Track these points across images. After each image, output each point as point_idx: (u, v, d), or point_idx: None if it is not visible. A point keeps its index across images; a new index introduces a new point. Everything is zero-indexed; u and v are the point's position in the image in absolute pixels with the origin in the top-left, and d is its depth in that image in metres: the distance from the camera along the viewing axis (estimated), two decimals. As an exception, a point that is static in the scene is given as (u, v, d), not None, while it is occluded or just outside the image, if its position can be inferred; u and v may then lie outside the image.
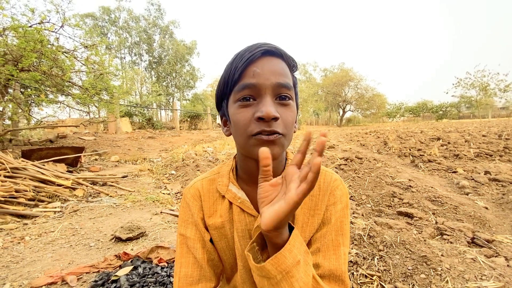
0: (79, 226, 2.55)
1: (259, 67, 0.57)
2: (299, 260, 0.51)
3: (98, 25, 26.82)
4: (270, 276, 0.50)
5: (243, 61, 0.57)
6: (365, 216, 2.50)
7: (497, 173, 3.89)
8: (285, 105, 0.59)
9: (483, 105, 34.04)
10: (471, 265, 1.45)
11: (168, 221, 2.65)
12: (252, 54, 0.57)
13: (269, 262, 0.50)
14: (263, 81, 0.57)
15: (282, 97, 0.59)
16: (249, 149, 0.59)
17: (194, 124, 22.88)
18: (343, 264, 0.62)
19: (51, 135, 8.85)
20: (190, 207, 0.72)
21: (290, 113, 0.59)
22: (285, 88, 0.58)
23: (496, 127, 10.82)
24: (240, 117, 0.58)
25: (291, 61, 0.63)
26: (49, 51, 6.19)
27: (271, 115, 0.54)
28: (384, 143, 7.55)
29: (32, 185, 3.27)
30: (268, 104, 0.55)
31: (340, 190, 0.68)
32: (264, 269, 0.50)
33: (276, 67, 0.58)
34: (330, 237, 0.64)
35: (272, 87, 0.57)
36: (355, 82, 36.60)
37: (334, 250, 0.62)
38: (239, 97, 0.59)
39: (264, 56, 0.58)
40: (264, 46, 0.58)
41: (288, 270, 0.49)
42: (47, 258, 1.95)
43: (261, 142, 0.56)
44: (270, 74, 0.57)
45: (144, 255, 1.82)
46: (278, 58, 0.60)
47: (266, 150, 0.50)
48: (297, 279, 0.50)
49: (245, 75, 0.58)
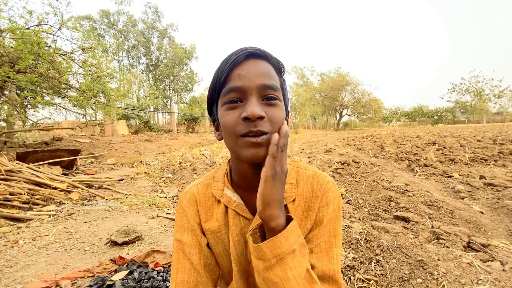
0: (74, 229, 2.52)
1: (244, 70, 0.58)
2: (294, 250, 0.53)
3: (96, 27, 26.79)
4: (265, 258, 0.53)
5: (228, 65, 0.59)
6: (362, 220, 2.51)
7: (492, 177, 3.93)
8: (271, 105, 0.59)
9: (478, 110, 34.47)
10: (467, 270, 1.46)
11: (164, 225, 2.63)
12: (236, 57, 0.58)
13: (265, 244, 0.52)
14: (248, 83, 0.58)
15: (269, 98, 0.59)
16: (238, 151, 0.60)
17: (192, 127, 22.83)
18: (335, 264, 0.62)
19: (47, 137, 8.77)
20: (186, 213, 0.72)
21: (277, 112, 0.59)
22: (270, 89, 0.59)
23: (490, 132, 10.95)
24: (228, 119, 0.59)
25: (277, 63, 0.64)
26: (47, 53, 6.17)
27: (256, 114, 0.55)
28: (381, 148, 7.60)
29: (26, 188, 3.23)
30: (253, 104, 0.56)
31: (332, 192, 0.68)
32: (260, 250, 0.53)
33: (261, 69, 0.59)
34: (323, 238, 0.64)
35: (257, 89, 0.58)
36: (351, 87, 36.90)
37: (327, 251, 0.63)
38: (226, 100, 0.60)
39: (249, 59, 0.59)
40: (248, 49, 0.59)
41: (282, 256, 0.52)
42: (41, 262, 1.92)
43: (249, 144, 0.57)
44: (255, 76, 0.58)
45: (140, 260, 1.81)
46: (263, 60, 0.61)
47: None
48: (291, 268, 0.52)
49: (230, 78, 0.59)
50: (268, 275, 0.53)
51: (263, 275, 0.54)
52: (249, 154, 0.57)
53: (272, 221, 0.53)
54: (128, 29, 28.86)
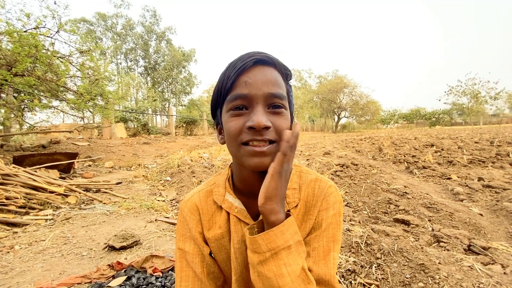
0: (71, 234, 2.49)
1: (251, 77, 0.57)
2: (290, 246, 0.53)
3: (93, 30, 26.81)
4: (259, 251, 0.53)
5: (235, 71, 0.57)
6: (362, 223, 2.50)
7: (490, 179, 3.94)
8: (277, 113, 0.59)
9: (475, 112, 34.71)
10: (468, 273, 1.45)
11: (163, 229, 2.60)
12: (244, 64, 0.57)
13: (260, 236, 0.53)
14: (255, 91, 0.57)
15: (275, 106, 0.58)
16: (241, 159, 0.59)
17: (190, 130, 22.81)
18: (332, 268, 0.62)
19: (44, 140, 8.72)
20: (187, 222, 0.71)
21: (283, 121, 0.59)
22: (277, 98, 0.58)
23: (487, 134, 11.02)
24: (232, 126, 0.58)
25: (284, 69, 0.63)
26: (44, 56, 6.15)
27: (262, 125, 0.54)
28: (379, 150, 7.61)
29: (23, 192, 3.20)
30: (259, 113, 0.55)
31: (333, 196, 0.67)
32: (255, 242, 0.53)
33: (268, 77, 0.58)
34: (321, 243, 0.64)
35: (264, 97, 0.57)
36: (349, 89, 37.04)
37: (324, 256, 0.63)
38: (231, 107, 0.59)
39: (256, 66, 0.58)
40: (256, 55, 0.58)
41: (277, 250, 0.52)
42: (37, 268, 1.89)
43: (252, 154, 0.56)
44: (262, 84, 0.57)
45: (138, 265, 1.78)
46: (270, 67, 0.60)
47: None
48: (285, 264, 0.52)
49: (237, 85, 0.58)
50: (262, 269, 0.53)
51: (257, 270, 0.54)
52: (252, 163, 0.57)
53: (272, 215, 0.53)
54: (127, 32, 28.92)
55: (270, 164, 0.55)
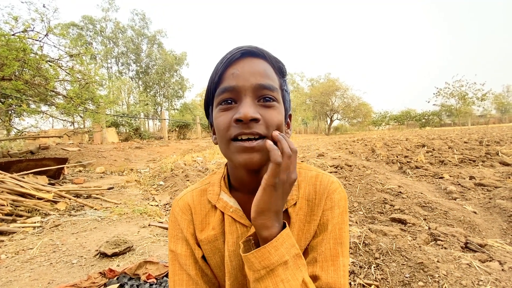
0: (61, 242, 2.40)
1: (238, 69, 0.55)
2: (286, 261, 0.49)
3: (83, 34, 26.45)
4: (254, 268, 0.50)
5: (223, 64, 0.55)
6: (359, 223, 2.49)
7: (481, 178, 4.01)
8: (268, 106, 0.55)
9: (463, 113, 35.54)
10: (467, 271, 1.45)
11: (156, 234, 2.54)
12: (231, 55, 0.55)
13: (252, 254, 0.49)
14: (243, 82, 0.54)
15: (266, 99, 0.55)
16: (230, 156, 0.56)
17: (183, 134, 22.62)
18: (342, 276, 0.57)
19: (33, 146, 8.48)
20: (179, 222, 0.67)
21: (274, 114, 0.55)
22: (267, 90, 0.55)
23: (476, 134, 11.26)
24: (220, 121, 0.55)
25: (275, 62, 0.60)
26: (33, 59, 6.01)
27: (249, 116, 0.51)
28: (372, 151, 7.68)
29: (10, 199, 3.08)
30: (247, 105, 0.52)
31: (338, 193, 0.63)
32: (248, 260, 0.50)
33: (256, 68, 0.56)
34: (328, 246, 0.59)
35: (252, 89, 0.54)
36: (341, 92, 37.50)
37: (333, 261, 0.58)
38: (220, 101, 0.56)
39: (244, 57, 0.56)
40: (244, 47, 0.56)
41: (273, 268, 0.49)
42: (24, 278, 1.81)
43: (241, 149, 0.53)
44: (250, 75, 0.54)
45: (132, 272, 1.72)
46: (259, 59, 0.57)
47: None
48: (283, 280, 0.49)
49: (225, 78, 0.56)
50: (258, 286, 0.50)
51: (253, 287, 0.51)
52: (241, 160, 0.53)
53: (265, 230, 0.50)
54: (117, 36, 28.66)
55: (260, 160, 0.52)
